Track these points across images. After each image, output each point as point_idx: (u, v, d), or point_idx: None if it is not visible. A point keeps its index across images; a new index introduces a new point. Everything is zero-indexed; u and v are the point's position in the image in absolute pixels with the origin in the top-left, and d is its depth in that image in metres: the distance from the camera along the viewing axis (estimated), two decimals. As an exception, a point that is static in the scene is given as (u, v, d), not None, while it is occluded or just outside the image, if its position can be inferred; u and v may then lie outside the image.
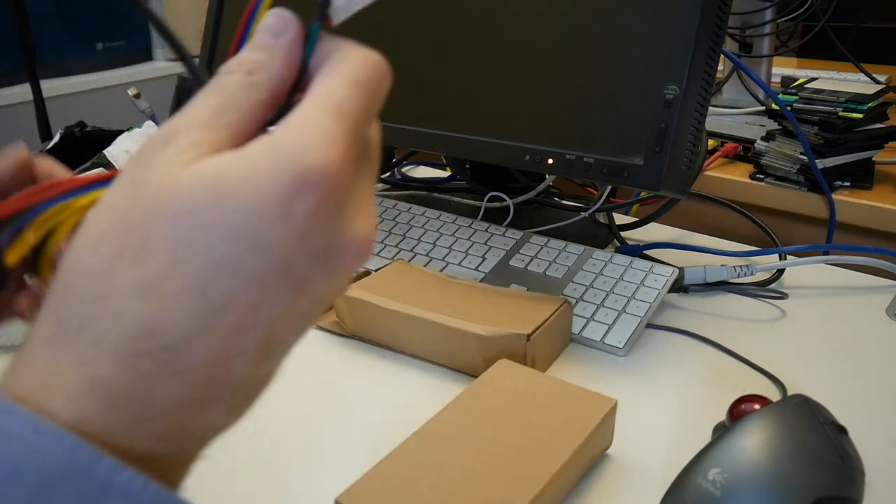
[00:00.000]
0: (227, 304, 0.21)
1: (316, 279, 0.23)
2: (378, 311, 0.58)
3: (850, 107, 0.83)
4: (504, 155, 0.63)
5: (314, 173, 0.21)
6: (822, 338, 0.61)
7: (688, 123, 0.56)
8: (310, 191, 0.21)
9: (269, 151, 0.21)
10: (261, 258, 0.21)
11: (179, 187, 0.21)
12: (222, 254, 0.21)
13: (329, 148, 0.22)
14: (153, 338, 0.21)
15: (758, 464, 0.40)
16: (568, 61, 0.60)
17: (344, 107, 0.23)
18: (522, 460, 0.41)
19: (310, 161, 0.21)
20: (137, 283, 0.21)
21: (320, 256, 0.22)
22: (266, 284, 0.21)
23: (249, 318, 0.22)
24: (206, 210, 0.21)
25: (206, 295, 0.21)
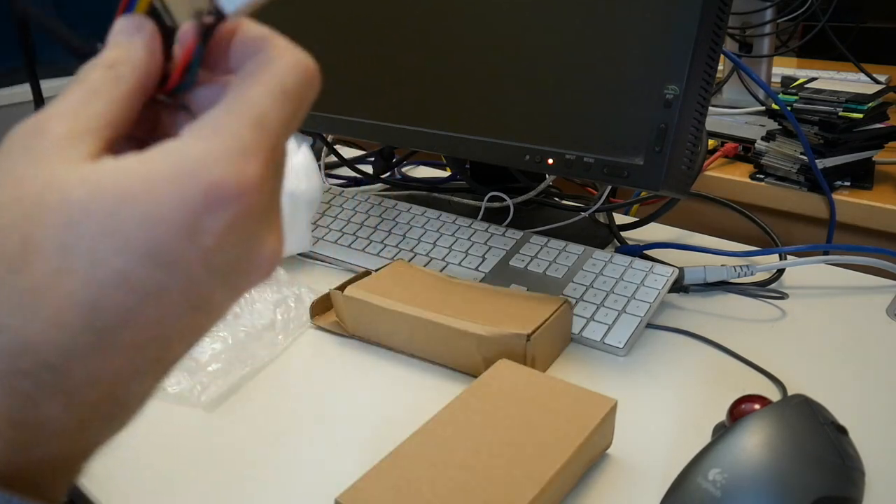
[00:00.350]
0: (122, 321, 0.19)
1: (217, 295, 0.21)
2: (378, 311, 0.58)
3: (850, 107, 0.83)
4: (504, 155, 0.63)
5: (228, 188, 0.20)
6: (822, 338, 0.61)
7: (688, 123, 0.56)
8: (222, 207, 0.20)
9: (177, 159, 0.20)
10: (162, 273, 0.19)
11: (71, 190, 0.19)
12: (119, 266, 0.19)
13: (245, 163, 0.20)
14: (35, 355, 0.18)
15: (758, 464, 0.40)
16: (568, 61, 0.60)
17: (267, 119, 0.21)
18: (522, 460, 0.41)
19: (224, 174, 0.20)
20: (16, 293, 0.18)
21: (226, 274, 0.21)
22: (166, 301, 0.20)
23: (145, 336, 0.20)
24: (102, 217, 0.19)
25: (99, 309, 0.19)
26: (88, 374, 0.19)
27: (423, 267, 0.66)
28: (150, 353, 0.20)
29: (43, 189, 0.19)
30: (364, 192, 0.86)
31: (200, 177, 0.19)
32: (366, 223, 0.78)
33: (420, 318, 0.56)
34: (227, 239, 0.20)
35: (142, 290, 0.19)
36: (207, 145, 0.20)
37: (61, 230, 0.19)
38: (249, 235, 0.21)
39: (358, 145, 1.12)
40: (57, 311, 0.19)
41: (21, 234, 0.19)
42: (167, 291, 0.20)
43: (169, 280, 0.20)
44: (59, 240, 0.19)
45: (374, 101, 0.72)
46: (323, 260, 0.75)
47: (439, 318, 0.55)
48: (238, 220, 0.20)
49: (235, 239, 0.20)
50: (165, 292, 0.20)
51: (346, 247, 0.75)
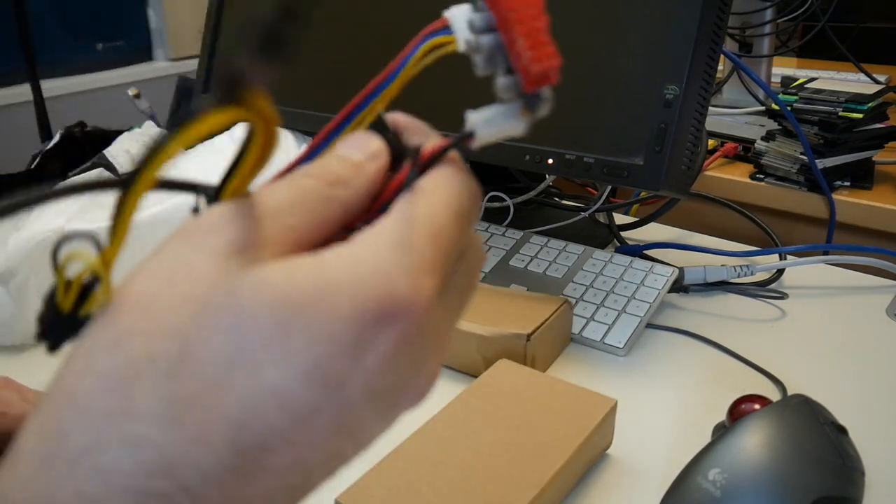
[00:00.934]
0: (267, 443, 0.17)
1: (368, 421, 0.19)
2: (378, 311, 0.58)
3: (850, 107, 0.83)
4: (504, 155, 0.63)
5: (401, 303, 0.18)
6: (822, 338, 0.61)
7: (688, 123, 0.56)
8: (393, 323, 0.18)
9: (352, 267, 0.18)
10: (318, 393, 0.18)
11: (241, 294, 0.17)
12: (276, 381, 0.17)
13: (424, 277, 0.19)
14: (173, 476, 0.17)
15: (758, 464, 0.40)
16: (568, 61, 0.60)
17: (442, 235, 0.20)
18: (522, 460, 0.41)
19: (400, 289, 0.18)
20: (165, 402, 0.17)
21: (382, 400, 0.19)
22: (316, 424, 0.18)
23: (287, 462, 0.18)
24: (269, 327, 0.17)
25: (246, 429, 0.17)
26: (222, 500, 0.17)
27: (423, 267, 0.66)
28: (290, 481, 0.18)
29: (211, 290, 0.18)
30: (364, 192, 0.86)
31: (378, 288, 0.18)
32: (366, 223, 0.78)
33: (420, 318, 0.56)
34: (392, 360, 0.18)
35: (295, 410, 0.17)
36: (386, 255, 0.18)
37: (226, 339, 0.17)
38: (415, 360, 0.19)
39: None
40: (205, 428, 0.17)
41: (182, 339, 0.17)
42: (320, 414, 0.18)
43: (324, 402, 0.18)
44: (220, 348, 0.17)
45: (374, 101, 0.72)
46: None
47: (439, 318, 0.55)
48: (407, 340, 0.18)
49: (400, 361, 0.19)
50: (318, 415, 0.18)
51: (346, 247, 0.75)
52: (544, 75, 0.21)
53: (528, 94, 0.21)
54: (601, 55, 0.59)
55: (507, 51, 0.21)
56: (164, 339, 0.17)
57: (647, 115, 0.56)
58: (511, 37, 0.21)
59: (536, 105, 0.22)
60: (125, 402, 0.17)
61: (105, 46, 2.29)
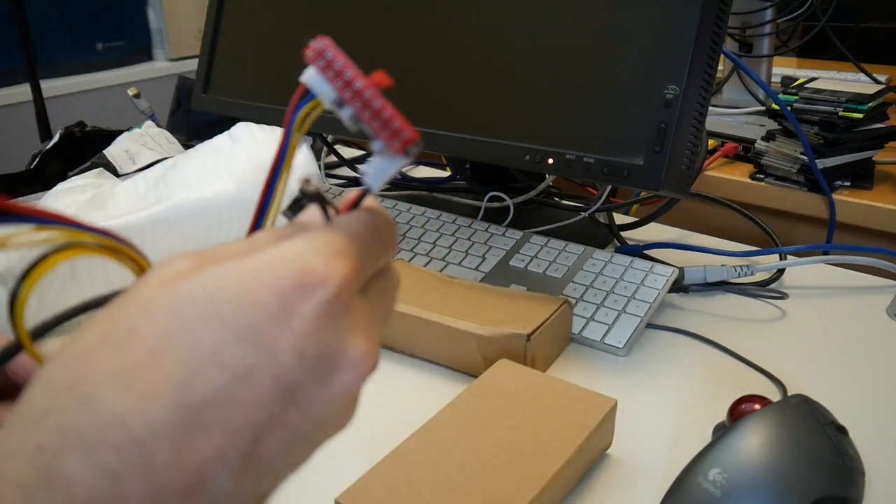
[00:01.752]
0: (210, 400, 0.19)
1: (307, 389, 0.21)
2: (378, 311, 0.58)
3: (851, 107, 0.83)
4: (504, 155, 0.63)
5: (316, 275, 0.21)
6: (822, 338, 0.61)
7: (688, 123, 0.56)
8: (313, 293, 0.21)
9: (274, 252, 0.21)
10: (252, 353, 0.20)
11: (178, 284, 0.21)
12: (212, 343, 0.20)
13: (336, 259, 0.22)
14: (125, 428, 0.19)
15: (758, 464, 0.40)
16: (568, 61, 0.60)
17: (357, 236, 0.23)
18: (522, 460, 0.41)
19: (313, 263, 0.21)
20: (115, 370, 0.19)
21: (313, 363, 0.21)
22: (254, 383, 0.20)
23: (234, 420, 0.20)
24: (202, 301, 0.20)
25: (190, 387, 0.19)
26: (174, 453, 0.19)
27: (423, 267, 0.66)
28: (238, 442, 0.20)
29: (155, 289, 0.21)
30: (364, 192, 0.86)
31: (294, 263, 0.21)
32: (366, 223, 0.78)
33: (420, 318, 0.56)
34: (316, 325, 0.21)
35: (232, 368, 0.20)
36: (303, 243, 0.22)
37: (164, 316, 0.20)
38: (338, 328, 0.22)
39: (358, 145, 1.12)
40: (151, 388, 0.19)
41: (129, 323, 0.20)
42: (256, 373, 0.20)
43: (258, 360, 0.20)
44: (161, 324, 0.20)
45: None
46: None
47: (439, 318, 0.55)
48: (328, 309, 0.21)
49: (324, 327, 0.21)
50: (255, 373, 0.20)
51: (346, 247, 0.75)
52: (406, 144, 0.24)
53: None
54: (601, 55, 0.59)
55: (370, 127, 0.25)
56: (116, 325, 0.20)
57: (647, 115, 0.56)
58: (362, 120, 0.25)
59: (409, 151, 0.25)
60: (82, 373, 0.20)
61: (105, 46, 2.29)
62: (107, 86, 2.27)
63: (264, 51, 0.80)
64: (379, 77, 0.25)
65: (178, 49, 2.39)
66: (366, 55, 0.72)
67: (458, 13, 0.66)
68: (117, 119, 1.12)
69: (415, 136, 0.24)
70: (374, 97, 0.25)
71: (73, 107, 2.12)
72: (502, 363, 0.50)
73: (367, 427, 0.51)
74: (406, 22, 0.70)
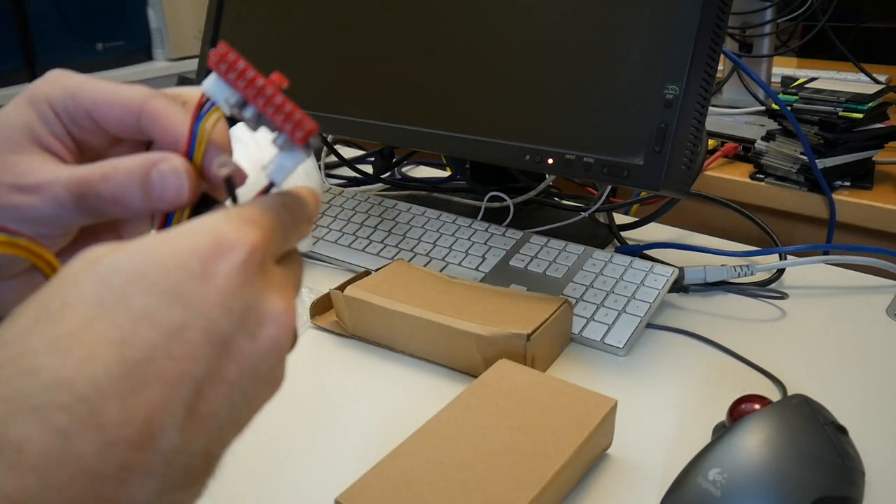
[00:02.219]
0: (149, 356, 0.21)
1: (239, 342, 0.23)
2: (378, 311, 0.58)
3: (850, 107, 0.83)
4: (504, 155, 0.63)
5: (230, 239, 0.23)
6: (822, 338, 0.61)
7: (688, 123, 0.56)
8: (226, 253, 0.23)
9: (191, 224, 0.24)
10: (182, 310, 0.21)
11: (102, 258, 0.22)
12: (143, 305, 0.21)
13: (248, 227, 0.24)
14: (71, 389, 0.19)
15: (758, 464, 0.40)
16: (568, 61, 0.60)
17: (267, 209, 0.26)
18: (522, 460, 0.41)
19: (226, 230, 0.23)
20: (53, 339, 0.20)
21: (239, 317, 0.23)
22: (188, 338, 0.21)
23: (174, 373, 0.21)
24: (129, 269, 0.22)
25: (128, 345, 0.20)
26: (121, 408, 0.20)
27: (423, 267, 0.66)
28: (181, 395, 0.21)
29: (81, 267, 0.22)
30: (364, 192, 0.86)
31: (210, 230, 0.23)
32: (366, 223, 0.78)
33: (420, 318, 0.56)
34: (236, 281, 0.23)
35: (165, 325, 0.21)
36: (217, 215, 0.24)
37: (93, 286, 0.21)
38: (257, 286, 0.24)
39: (358, 145, 1.12)
40: (90, 349, 0.20)
41: (60, 299, 0.21)
42: (189, 329, 0.21)
43: (188, 317, 0.22)
44: (91, 294, 0.21)
45: (375, 101, 0.72)
46: (323, 260, 0.75)
47: (439, 318, 0.55)
48: (245, 266, 0.23)
49: (245, 283, 0.23)
50: (187, 329, 0.21)
51: (346, 247, 0.75)
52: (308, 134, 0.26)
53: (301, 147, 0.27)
54: (601, 55, 0.59)
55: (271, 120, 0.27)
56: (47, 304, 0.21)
57: (647, 115, 0.56)
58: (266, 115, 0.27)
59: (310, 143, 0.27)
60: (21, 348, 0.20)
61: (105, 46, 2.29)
62: (107, 86, 2.26)
63: (264, 51, 0.80)
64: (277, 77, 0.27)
65: (178, 49, 2.39)
66: (366, 55, 0.72)
67: (458, 13, 0.66)
68: (117, 119, 1.12)
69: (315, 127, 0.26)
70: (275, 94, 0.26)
71: (73, 107, 2.12)
72: (502, 363, 0.50)
73: (367, 427, 0.51)
74: (406, 22, 0.70)
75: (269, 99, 0.26)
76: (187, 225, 0.24)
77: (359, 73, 0.73)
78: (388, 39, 0.71)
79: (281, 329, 0.24)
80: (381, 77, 0.71)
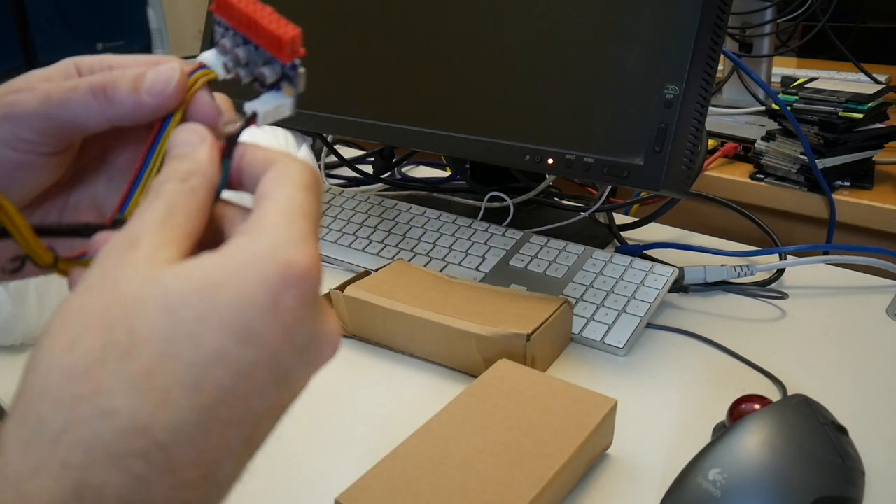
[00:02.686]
0: (220, 399, 0.21)
1: (297, 371, 0.23)
2: (378, 311, 0.58)
3: (851, 107, 0.83)
4: (504, 155, 0.63)
5: (298, 268, 0.22)
6: (822, 338, 0.61)
7: (688, 123, 0.56)
8: (294, 284, 0.22)
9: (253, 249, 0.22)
10: (252, 350, 0.21)
11: (166, 284, 0.21)
12: (215, 346, 0.21)
13: (306, 245, 0.23)
14: (148, 436, 0.20)
15: (758, 464, 0.40)
16: (568, 61, 0.60)
17: (306, 209, 0.24)
18: (522, 460, 0.41)
19: (293, 256, 0.22)
20: (127, 379, 0.20)
21: (302, 348, 0.23)
22: (256, 377, 0.22)
23: (240, 413, 0.21)
24: (197, 304, 0.21)
25: (201, 389, 0.20)
26: (192, 452, 0.20)
27: (423, 267, 0.66)
28: (243, 431, 0.22)
29: (140, 287, 0.21)
30: (364, 192, 0.86)
31: (277, 259, 0.22)
32: (366, 223, 0.78)
33: (420, 318, 0.56)
34: (301, 313, 0.22)
35: (236, 367, 0.21)
36: (274, 235, 0.23)
37: (163, 319, 0.21)
38: (317, 311, 0.24)
39: (358, 145, 1.12)
40: (165, 394, 0.20)
41: (127, 328, 0.20)
42: (257, 368, 0.21)
43: (258, 356, 0.21)
44: (162, 327, 0.20)
45: (375, 101, 0.72)
46: (323, 260, 0.75)
47: (439, 318, 0.55)
48: (309, 295, 0.23)
49: (308, 313, 0.23)
50: (256, 368, 0.21)
51: (346, 247, 0.75)
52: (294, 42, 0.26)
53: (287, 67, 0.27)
54: (601, 55, 0.58)
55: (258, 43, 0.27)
56: (113, 331, 0.20)
57: (647, 115, 0.56)
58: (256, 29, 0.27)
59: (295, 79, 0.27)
60: (94, 385, 0.20)
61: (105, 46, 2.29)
62: (107, 86, 2.26)
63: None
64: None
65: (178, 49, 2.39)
66: (366, 56, 0.72)
67: (458, 13, 0.66)
68: (117, 119, 1.12)
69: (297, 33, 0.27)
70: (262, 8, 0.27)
71: (73, 107, 2.12)
72: (502, 363, 0.50)
73: (367, 427, 0.51)
74: (406, 22, 0.70)
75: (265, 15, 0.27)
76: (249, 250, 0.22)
77: (359, 73, 0.73)
78: (389, 39, 0.71)
79: (333, 352, 0.25)
80: (381, 77, 0.71)
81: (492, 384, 0.48)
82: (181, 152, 0.26)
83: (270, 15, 0.27)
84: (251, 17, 0.27)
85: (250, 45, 0.28)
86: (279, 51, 0.27)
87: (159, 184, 0.24)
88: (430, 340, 0.57)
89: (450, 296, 0.59)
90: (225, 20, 0.28)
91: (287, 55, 0.27)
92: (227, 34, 0.28)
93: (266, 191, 0.25)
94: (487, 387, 0.48)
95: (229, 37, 0.28)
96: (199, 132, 0.26)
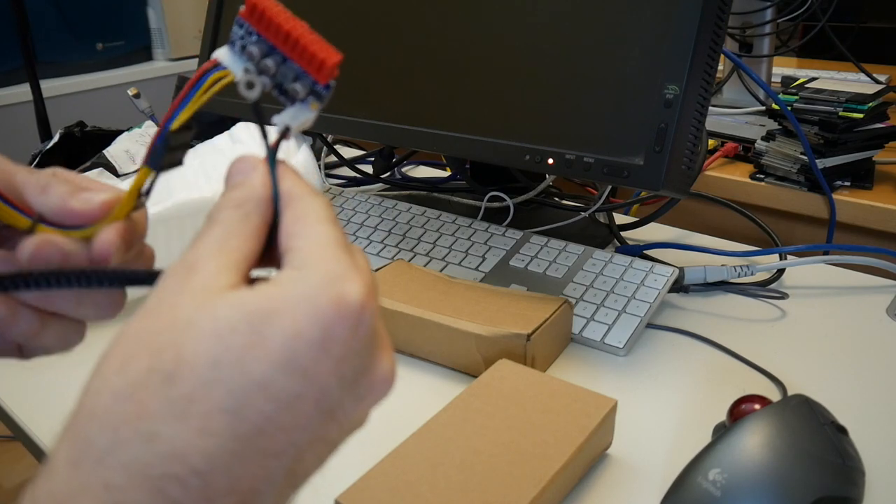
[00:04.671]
0: (261, 428, 0.21)
1: (346, 406, 0.23)
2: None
3: (851, 107, 0.83)
4: (504, 155, 0.63)
5: (352, 300, 0.22)
6: (822, 338, 0.61)
7: (688, 123, 0.56)
8: (348, 317, 0.22)
9: (306, 282, 0.22)
10: (298, 382, 0.21)
11: (217, 311, 0.21)
12: (260, 375, 0.21)
13: (358, 277, 0.23)
14: (186, 461, 0.20)
15: (758, 464, 0.40)
16: (568, 61, 0.60)
17: (342, 241, 0.25)
18: (522, 460, 0.41)
19: (347, 289, 0.22)
20: (169, 403, 0.20)
21: (352, 383, 0.23)
22: (300, 409, 0.21)
23: (281, 444, 0.21)
24: (245, 332, 0.21)
25: (242, 417, 0.20)
26: (229, 480, 0.20)
27: (423, 267, 0.66)
28: (284, 463, 0.21)
29: (193, 312, 0.21)
30: (364, 192, 0.86)
31: (330, 292, 0.22)
32: (366, 223, 0.78)
33: (420, 317, 0.56)
34: (352, 347, 0.22)
35: (279, 397, 0.21)
36: (326, 268, 0.23)
37: (210, 345, 0.21)
38: (369, 346, 0.23)
39: (358, 145, 1.12)
40: (205, 421, 0.20)
41: (175, 351, 0.21)
42: (302, 400, 0.21)
43: (304, 389, 0.21)
44: (208, 353, 0.21)
45: (375, 101, 0.72)
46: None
47: (439, 318, 0.55)
48: (361, 328, 0.22)
49: (359, 347, 0.23)
50: (300, 401, 0.21)
51: (346, 247, 0.75)
52: (334, 67, 0.26)
53: (320, 86, 0.27)
54: (601, 55, 0.58)
55: (293, 58, 0.27)
56: (160, 354, 0.21)
57: (647, 115, 0.56)
58: (294, 45, 0.27)
59: (326, 98, 0.27)
60: (138, 408, 0.20)
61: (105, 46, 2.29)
62: (107, 86, 2.27)
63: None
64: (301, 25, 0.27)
65: (178, 49, 2.39)
66: (367, 56, 0.72)
67: (458, 13, 0.66)
68: (117, 119, 1.12)
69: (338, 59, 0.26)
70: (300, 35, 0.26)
71: (73, 107, 2.12)
72: (502, 363, 0.50)
73: (367, 427, 0.51)
74: (407, 22, 0.70)
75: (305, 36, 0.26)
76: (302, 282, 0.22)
77: (359, 73, 0.73)
78: (389, 39, 0.71)
79: (389, 387, 0.24)
80: (381, 77, 0.71)
81: (492, 384, 0.48)
82: (236, 182, 0.26)
83: (311, 34, 0.27)
84: (290, 32, 0.26)
85: (277, 56, 0.27)
86: (318, 72, 0.26)
87: (216, 211, 0.25)
88: (430, 340, 0.57)
89: (450, 296, 0.59)
90: (255, 28, 0.27)
91: (326, 77, 0.27)
92: (252, 40, 0.28)
93: (295, 230, 0.25)
94: (487, 387, 0.48)
95: (257, 43, 0.27)
96: (251, 162, 0.26)
